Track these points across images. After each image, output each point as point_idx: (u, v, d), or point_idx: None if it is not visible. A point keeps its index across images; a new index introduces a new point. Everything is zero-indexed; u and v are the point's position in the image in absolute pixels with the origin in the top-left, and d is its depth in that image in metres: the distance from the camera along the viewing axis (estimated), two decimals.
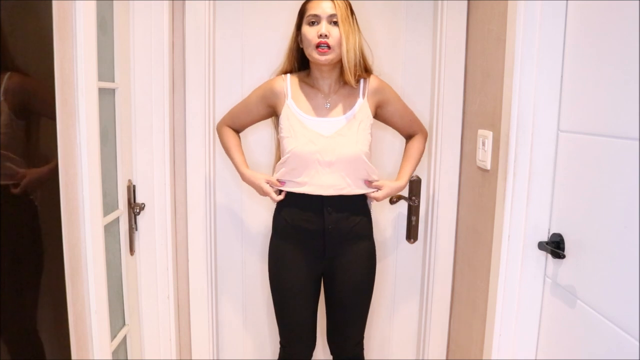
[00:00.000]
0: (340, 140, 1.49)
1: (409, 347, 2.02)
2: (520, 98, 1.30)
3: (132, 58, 1.65)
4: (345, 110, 1.52)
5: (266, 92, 1.56)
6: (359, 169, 1.51)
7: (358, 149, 1.49)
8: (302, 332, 1.61)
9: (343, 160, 1.49)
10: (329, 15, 1.44)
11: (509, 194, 1.35)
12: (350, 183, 1.51)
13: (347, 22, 1.44)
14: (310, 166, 1.49)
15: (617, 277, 1.05)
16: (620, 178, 1.04)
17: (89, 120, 1.23)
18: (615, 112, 1.05)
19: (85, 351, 1.31)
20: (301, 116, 1.51)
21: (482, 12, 1.60)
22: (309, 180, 1.50)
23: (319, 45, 1.44)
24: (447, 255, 1.87)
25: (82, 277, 1.28)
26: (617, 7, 1.05)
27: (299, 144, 1.48)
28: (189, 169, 1.80)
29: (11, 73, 1.40)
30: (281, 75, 1.57)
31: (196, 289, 1.88)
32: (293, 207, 1.55)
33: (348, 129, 1.50)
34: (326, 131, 1.49)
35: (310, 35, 1.45)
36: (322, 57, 1.45)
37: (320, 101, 1.53)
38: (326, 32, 1.43)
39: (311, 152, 1.48)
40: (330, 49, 1.44)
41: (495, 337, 1.41)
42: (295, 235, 1.55)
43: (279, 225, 1.59)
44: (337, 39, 1.44)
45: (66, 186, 1.22)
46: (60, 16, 1.16)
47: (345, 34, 1.43)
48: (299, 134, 1.49)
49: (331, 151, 1.48)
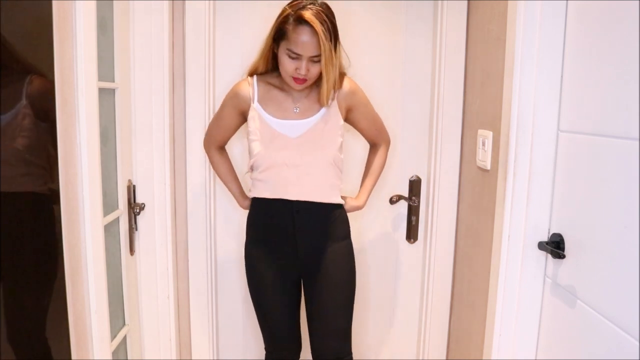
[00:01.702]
0: (307, 143, 1.45)
1: (409, 347, 2.02)
2: (520, 98, 1.30)
3: (132, 58, 1.65)
4: (314, 112, 1.47)
5: (233, 99, 1.51)
6: (327, 173, 1.47)
7: (325, 152, 1.45)
8: (284, 336, 1.59)
9: (311, 163, 1.45)
10: (311, 56, 1.36)
11: (509, 194, 1.35)
12: (317, 188, 1.47)
13: (329, 60, 1.36)
14: (277, 170, 1.45)
15: (617, 277, 1.05)
16: (620, 178, 1.04)
17: (89, 120, 1.24)
18: (615, 112, 1.05)
19: (85, 351, 1.31)
20: (268, 119, 1.46)
21: (482, 12, 1.60)
22: (276, 184, 1.46)
23: (295, 77, 1.39)
24: (447, 255, 1.87)
25: (82, 277, 1.28)
26: (617, 7, 1.05)
27: (265, 147, 1.45)
28: (189, 169, 1.80)
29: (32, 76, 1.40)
30: (247, 78, 1.51)
31: (196, 289, 1.88)
32: (263, 212, 1.52)
33: (316, 131, 1.45)
34: (293, 133, 1.45)
35: (288, 67, 1.38)
36: (298, 87, 1.42)
37: (289, 104, 1.48)
38: (305, 73, 1.37)
39: (277, 155, 1.44)
40: (306, 80, 1.40)
41: (495, 337, 1.41)
42: (266, 240, 1.53)
43: (250, 230, 1.57)
44: (315, 74, 1.40)
45: (66, 186, 1.22)
46: (60, 16, 1.16)
47: (326, 72, 1.38)
48: (265, 136, 1.45)
49: (298, 154, 1.44)
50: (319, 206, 1.49)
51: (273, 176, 1.46)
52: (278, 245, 1.52)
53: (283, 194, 1.47)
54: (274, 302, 1.56)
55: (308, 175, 1.46)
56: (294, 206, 1.48)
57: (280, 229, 1.50)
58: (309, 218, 1.49)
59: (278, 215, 1.50)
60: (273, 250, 1.53)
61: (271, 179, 1.47)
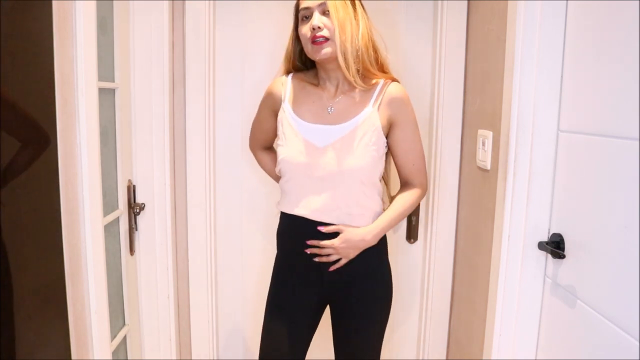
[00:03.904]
0: (333, 153, 1.27)
1: (409, 347, 2.02)
2: (520, 98, 1.30)
3: (132, 58, 1.65)
4: (349, 117, 1.30)
5: (267, 99, 1.42)
6: (353, 191, 1.29)
7: (353, 165, 1.27)
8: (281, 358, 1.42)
9: (334, 177, 1.28)
10: (318, 4, 1.25)
11: (509, 194, 1.35)
12: (341, 207, 1.30)
13: (340, 8, 1.24)
14: (298, 181, 1.31)
15: (617, 277, 1.05)
16: (620, 178, 1.04)
17: (89, 120, 1.23)
18: (615, 112, 1.05)
19: (85, 351, 1.31)
20: (295, 121, 1.32)
21: (482, 12, 1.60)
22: (298, 198, 1.32)
23: (314, 40, 1.26)
24: (447, 255, 1.87)
25: (82, 277, 1.28)
26: (617, 7, 1.05)
27: (288, 154, 1.31)
28: (189, 169, 1.80)
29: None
30: (281, 76, 1.41)
31: (196, 289, 1.88)
32: (287, 227, 1.39)
33: (346, 140, 1.28)
34: (320, 141, 1.29)
35: (304, 31, 1.27)
36: (319, 52, 1.26)
37: (323, 104, 1.33)
38: (318, 24, 1.24)
39: (299, 164, 1.29)
40: (327, 40, 1.25)
41: (495, 337, 1.41)
42: (292, 259, 1.40)
43: (278, 244, 1.44)
44: (334, 29, 1.25)
45: (66, 186, 1.22)
46: (60, 16, 1.16)
47: (339, 22, 1.23)
48: (289, 142, 1.31)
49: (321, 165, 1.28)
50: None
51: (295, 188, 1.33)
52: (301, 267, 1.37)
53: (305, 212, 1.31)
54: (283, 322, 1.40)
55: (334, 193, 1.29)
56: (317, 227, 1.32)
57: (303, 251, 1.34)
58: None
59: (301, 235, 1.34)
60: (297, 271, 1.39)
61: (293, 191, 1.33)
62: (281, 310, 1.41)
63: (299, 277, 1.39)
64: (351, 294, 1.37)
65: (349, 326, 1.40)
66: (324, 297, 1.41)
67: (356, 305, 1.38)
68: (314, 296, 1.40)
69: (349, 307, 1.39)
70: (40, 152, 1.22)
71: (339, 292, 1.38)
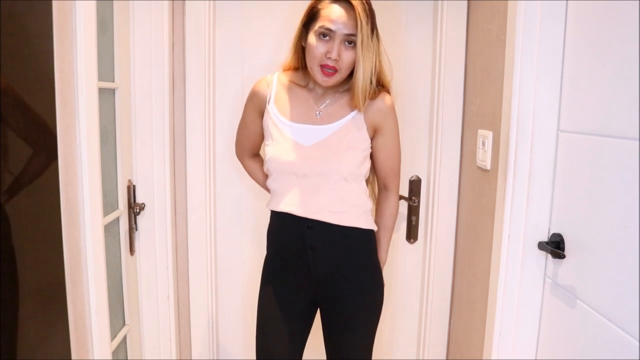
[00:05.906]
0: (320, 152, 1.30)
1: (409, 347, 2.02)
2: (520, 98, 1.30)
3: (132, 58, 1.65)
4: (336, 119, 1.32)
5: (252, 100, 1.41)
6: (339, 189, 1.31)
7: (340, 165, 1.29)
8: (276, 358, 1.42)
9: (320, 175, 1.29)
10: (345, 34, 1.20)
11: (509, 194, 1.35)
12: (328, 205, 1.31)
13: (367, 45, 1.20)
14: (285, 179, 1.33)
15: (617, 277, 1.05)
16: (620, 178, 1.04)
17: (89, 120, 1.24)
18: (615, 112, 1.05)
19: (85, 351, 1.31)
20: (280, 121, 1.33)
21: (482, 12, 1.60)
22: (284, 197, 1.33)
23: (324, 67, 1.23)
24: (447, 255, 1.87)
25: (82, 277, 1.28)
26: (617, 7, 1.05)
27: (275, 153, 1.32)
28: (189, 169, 1.80)
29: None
30: (266, 76, 1.41)
31: (196, 289, 1.88)
32: (276, 225, 1.41)
33: (334, 140, 1.31)
34: (307, 140, 1.31)
35: (317, 51, 1.23)
36: (325, 81, 1.26)
37: (310, 105, 1.34)
38: (336, 58, 1.21)
39: (285, 162, 1.30)
40: (336, 72, 1.24)
41: (495, 337, 1.41)
42: (282, 257, 1.41)
43: (268, 243, 1.46)
44: (348, 63, 1.24)
45: (66, 186, 1.22)
46: (60, 16, 1.16)
47: (363, 60, 1.21)
48: (276, 141, 1.32)
49: (308, 164, 1.29)
50: (332, 227, 1.33)
51: (282, 186, 1.34)
52: (291, 265, 1.39)
53: (291, 208, 1.32)
54: (276, 322, 1.40)
55: (318, 190, 1.31)
56: (304, 224, 1.33)
57: (291, 248, 1.37)
58: (322, 240, 1.34)
59: (288, 232, 1.37)
60: (287, 269, 1.40)
61: (280, 190, 1.35)
62: (272, 308, 1.41)
63: (289, 274, 1.40)
64: (341, 291, 1.38)
65: (339, 324, 1.41)
66: (314, 294, 1.41)
67: (346, 303, 1.39)
68: (302, 293, 1.41)
69: (339, 305, 1.39)
70: (51, 160, 1.22)
71: (328, 288, 1.39)
